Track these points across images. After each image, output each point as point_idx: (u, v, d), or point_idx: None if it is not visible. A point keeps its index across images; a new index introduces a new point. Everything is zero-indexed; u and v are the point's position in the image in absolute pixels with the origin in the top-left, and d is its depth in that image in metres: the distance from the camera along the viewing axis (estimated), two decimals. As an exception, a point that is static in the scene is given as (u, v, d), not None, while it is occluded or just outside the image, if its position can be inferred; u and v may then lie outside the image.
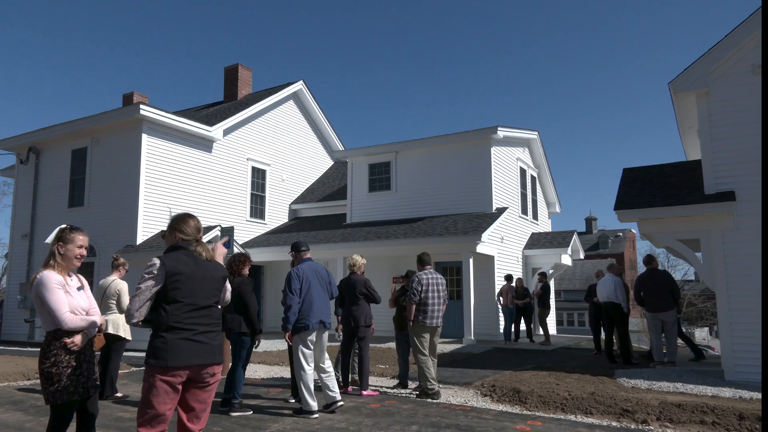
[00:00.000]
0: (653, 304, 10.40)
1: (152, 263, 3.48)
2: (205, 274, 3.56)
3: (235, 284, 7.04)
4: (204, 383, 3.48)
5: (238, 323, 6.95)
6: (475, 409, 7.09)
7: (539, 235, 20.09)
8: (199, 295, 3.49)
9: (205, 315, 3.50)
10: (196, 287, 3.49)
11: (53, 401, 3.85)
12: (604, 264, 53.51)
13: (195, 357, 3.38)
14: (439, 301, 7.91)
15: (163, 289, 3.43)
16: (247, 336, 7.00)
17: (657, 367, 10.27)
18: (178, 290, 3.42)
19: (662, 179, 10.54)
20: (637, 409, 6.72)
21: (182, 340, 3.37)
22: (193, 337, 3.40)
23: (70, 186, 17.31)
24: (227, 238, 4.73)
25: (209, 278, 3.57)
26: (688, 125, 11.67)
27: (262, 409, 7.12)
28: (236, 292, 6.98)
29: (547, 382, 8.72)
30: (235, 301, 7.00)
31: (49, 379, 3.85)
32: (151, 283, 3.42)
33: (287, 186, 21.89)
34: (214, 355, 3.48)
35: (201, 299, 3.50)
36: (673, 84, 9.75)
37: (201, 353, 3.41)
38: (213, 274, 3.61)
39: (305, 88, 22.69)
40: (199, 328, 3.45)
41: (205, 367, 3.45)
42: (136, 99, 24.63)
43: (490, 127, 17.09)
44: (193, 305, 3.46)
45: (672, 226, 9.64)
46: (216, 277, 3.63)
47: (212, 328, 3.53)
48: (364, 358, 8.13)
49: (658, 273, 10.51)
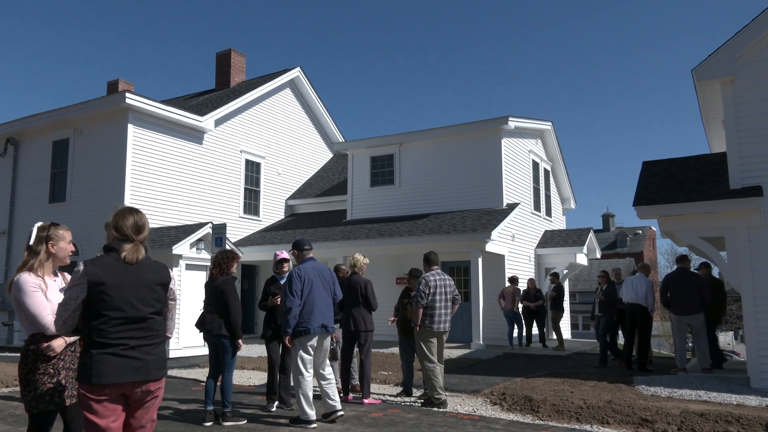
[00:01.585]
0: (678, 307, 10.36)
1: (77, 269, 3.32)
2: (136, 281, 3.34)
3: (218, 283, 7.03)
4: (139, 401, 3.34)
5: (218, 325, 6.90)
6: (483, 419, 7.11)
7: (553, 233, 20.10)
8: (130, 305, 3.29)
9: (138, 328, 3.31)
10: (126, 297, 3.29)
11: (30, 410, 3.86)
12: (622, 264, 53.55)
13: (124, 374, 3.23)
14: (447, 304, 7.93)
15: (87, 299, 3.27)
16: (227, 339, 6.94)
17: (679, 373, 10.28)
18: (103, 302, 3.25)
19: (685, 173, 10.54)
20: (656, 419, 6.74)
21: (110, 356, 3.22)
22: (123, 353, 3.24)
23: (51, 180, 17.36)
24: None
25: (143, 286, 3.35)
26: (713, 116, 11.66)
27: (257, 418, 7.16)
28: (219, 291, 6.97)
29: (560, 389, 8.74)
30: (216, 301, 6.98)
31: (27, 386, 3.86)
32: (75, 293, 3.28)
33: (283, 180, 21.92)
34: (149, 371, 3.30)
35: (131, 310, 3.29)
36: (696, 71, 9.74)
37: (131, 370, 3.25)
38: (147, 280, 3.37)
39: (303, 76, 22.70)
40: (131, 343, 3.27)
41: (139, 384, 3.29)
42: (122, 87, 24.67)
43: (500, 118, 17.09)
44: (121, 318, 3.27)
45: (695, 223, 9.64)
46: (151, 284, 3.38)
47: (148, 341, 3.33)
48: (366, 364, 8.16)
49: (687, 274, 10.42)
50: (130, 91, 15.67)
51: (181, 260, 14.27)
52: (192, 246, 14.51)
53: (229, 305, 6.92)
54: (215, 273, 7.14)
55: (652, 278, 58.78)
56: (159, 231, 15.50)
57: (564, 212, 23.22)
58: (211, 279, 7.18)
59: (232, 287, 7.02)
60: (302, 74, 22.69)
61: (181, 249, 13.99)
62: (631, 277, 11.32)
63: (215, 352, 7.08)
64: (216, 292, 6.99)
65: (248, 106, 20.43)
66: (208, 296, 7.11)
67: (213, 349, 7.09)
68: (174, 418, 7.23)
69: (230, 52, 22.97)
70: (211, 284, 7.13)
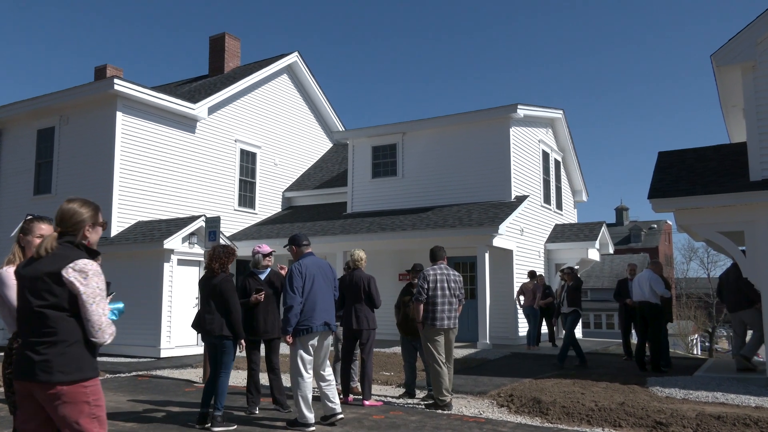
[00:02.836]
0: (730, 303, 10.92)
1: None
2: (33, 273, 3.29)
3: (218, 281, 7.03)
4: (48, 405, 3.23)
5: (219, 325, 6.91)
6: (490, 421, 7.15)
7: (564, 227, 20.12)
8: (23, 299, 3.31)
9: (28, 323, 3.25)
10: (22, 289, 3.32)
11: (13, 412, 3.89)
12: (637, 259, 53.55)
13: (16, 372, 3.25)
14: (450, 299, 7.94)
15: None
16: (230, 340, 6.96)
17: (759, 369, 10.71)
18: (19, 297, 3.35)
19: (702, 164, 10.54)
20: (671, 422, 6.77)
21: (18, 351, 3.29)
22: (20, 349, 3.27)
23: (35, 170, 17.39)
24: (114, 293, 4.02)
25: (37, 278, 3.27)
26: (733, 103, 11.65)
27: (251, 421, 7.20)
28: (218, 290, 6.98)
29: (571, 391, 8.78)
30: (216, 300, 7.00)
31: (11, 387, 3.88)
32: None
33: (280, 171, 21.95)
34: (33, 372, 3.17)
35: (22, 303, 3.30)
36: (715, 56, 9.73)
37: (18, 368, 3.23)
38: (40, 271, 3.28)
39: (301, 61, 22.69)
40: (23, 338, 3.27)
41: (37, 386, 3.19)
42: (110, 73, 24.66)
43: (509, 105, 17.07)
44: (19, 312, 3.33)
45: (713, 216, 9.65)
46: (42, 275, 3.26)
47: (41, 338, 3.20)
48: (367, 364, 8.19)
49: (735, 269, 10.76)
50: (118, 77, 15.67)
51: (173, 255, 14.32)
52: (184, 240, 14.55)
53: (230, 305, 6.94)
54: (215, 268, 7.11)
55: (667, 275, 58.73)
56: (149, 224, 15.54)
57: (575, 205, 23.22)
58: (207, 275, 7.17)
59: (231, 285, 7.03)
60: (300, 60, 22.67)
61: (172, 243, 14.03)
62: (639, 275, 11.56)
63: (213, 354, 7.09)
64: (215, 290, 7.00)
65: (243, 93, 20.44)
66: (204, 294, 7.11)
67: (212, 351, 7.09)
68: (165, 420, 7.27)
69: (224, 36, 22.95)
70: (208, 281, 7.11)
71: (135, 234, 15.05)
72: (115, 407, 8.00)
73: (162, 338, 13.87)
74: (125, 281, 14.31)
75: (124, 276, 14.43)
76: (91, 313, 3.23)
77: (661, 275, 11.37)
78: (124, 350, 14.13)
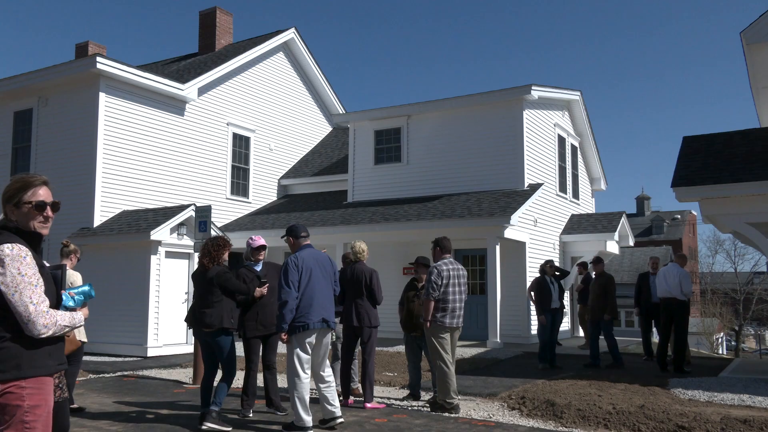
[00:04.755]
0: None
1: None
2: None
3: (212, 275, 7.08)
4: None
5: (219, 318, 6.97)
6: (500, 425, 7.19)
7: (580, 218, 20.12)
8: None
9: None
10: None
11: None
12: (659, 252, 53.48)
13: None
14: (461, 297, 7.97)
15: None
16: (229, 335, 7.06)
17: None
18: None
19: (730, 150, 10.52)
20: (694, 426, 6.80)
21: None
22: None
23: (12, 155, 17.41)
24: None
25: None
26: (763, 84, 11.62)
27: (245, 424, 7.25)
28: (215, 282, 7.03)
29: (587, 393, 8.81)
30: (215, 292, 7.03)
31: None
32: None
33: (276, 157, 21.95)
34: None
35: None
36: (745, 33, 9.69)
37: None
38: None
39: (298, 38, 22.63)
40: None
41: None
42: (92, 50, 24.64)
43: (522, 86, 17.03)
44: None
45: (741, 206, 9.64)
46: None
47: None
48: (369, 364, 8.22)
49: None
50: (101, 55, 15.66)
51: (161, 247, 14.35)
52: (173, 231, 14.58)
53: (235, 288, 7.12)
54: (206, 262, 7.18)
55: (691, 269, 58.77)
56: (135, 214, 15.58)
57: (593, 194, 23.21)
58: (201, 270, 7.22)
59: (229, 275, 7.13)
60: (297, 36, 22.61)
61: (160, 234, 14.06)
62: (664, 268, 11.46)
63: (209, 351, 7.13)
64: (211, 283, 7.05)
65: (236, 73, 20.41)
66: (198, 289, 7.17)
67: (207, 348, 7.14)
68: (154, 422, 7.32)
69: (215, 10, 22.89)
70: (201, 276, 7.17)
71: (120, 224, 15.08)
72: (99, 409, 8.06)
73: (149, 336, 13.92)
74: (109, 275, 14.36)
75: (108, 270, 14.48)
76: (15, 304, 3.07)
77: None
78: (109, 349, 14.19)
